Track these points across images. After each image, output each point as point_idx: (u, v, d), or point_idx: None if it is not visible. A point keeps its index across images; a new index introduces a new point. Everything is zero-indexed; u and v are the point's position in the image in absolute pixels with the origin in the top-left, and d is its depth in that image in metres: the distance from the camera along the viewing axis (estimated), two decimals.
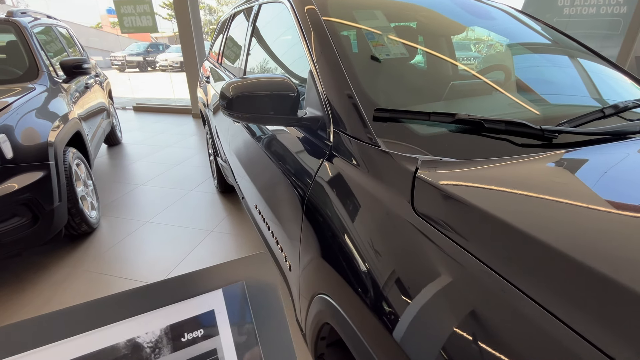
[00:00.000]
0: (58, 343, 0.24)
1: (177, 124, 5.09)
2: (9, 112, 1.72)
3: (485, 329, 0.44)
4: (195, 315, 0.28)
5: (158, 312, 0.27)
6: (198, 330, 0.27)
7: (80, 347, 0.25)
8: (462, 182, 0.60)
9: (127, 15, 5.42)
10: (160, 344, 0.26)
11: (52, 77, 2.33)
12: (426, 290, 0.52)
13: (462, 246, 0.51)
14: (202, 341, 0.27)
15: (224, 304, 0.29)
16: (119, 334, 0.25)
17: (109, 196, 2.78)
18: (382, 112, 0.81)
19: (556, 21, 4.74)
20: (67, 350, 0.24)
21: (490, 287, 0.46)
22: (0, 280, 1.83)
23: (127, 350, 0.25)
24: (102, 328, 0.25)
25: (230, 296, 0.29)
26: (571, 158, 0.68)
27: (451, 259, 0.51)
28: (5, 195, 1.58)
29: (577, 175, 0.61)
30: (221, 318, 0.28)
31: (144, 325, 0.26)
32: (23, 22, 2.46)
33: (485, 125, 0.75)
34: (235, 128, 1.73)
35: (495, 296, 0.45)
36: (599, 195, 0.54)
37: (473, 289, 0.47)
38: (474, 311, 0.46)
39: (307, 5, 1.13)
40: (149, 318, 0.26)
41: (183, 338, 0.27)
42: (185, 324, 0.27)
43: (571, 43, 1.32)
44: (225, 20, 2.55)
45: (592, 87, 1.15)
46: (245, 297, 0.29)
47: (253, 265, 0.30)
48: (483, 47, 1.50)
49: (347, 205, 0.76)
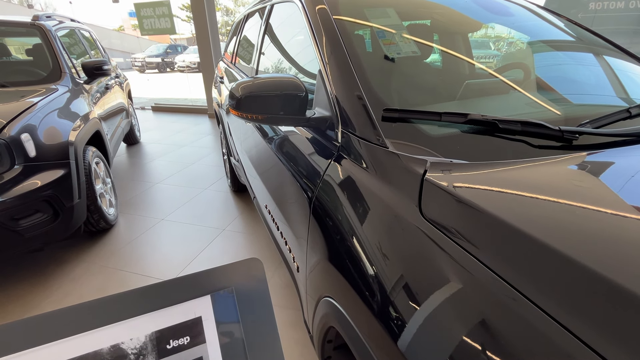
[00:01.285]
0: (40, 347, 0.24)
1: (194, 124, 5.19)
2: (33, 112, 1.79)
3: (490, 337, 0.42)
4: (181, 322, 0.27)
5: (144, 318, 0.26)
6: (184, 337, 0.27)
7: (63, 352, 0.24)
8: (473, 186, 0.57)
9: (146, 18, 5.56)
10: (144, 351, 0.25)
11: (74, 79, 2.41)
12: (432, 298, 0.50)
13: (471, 253, 0.49)
14: (189, 348, 0.27)
15: (212, 310, 0.28)
16: (103, 339, 0.25)
17: (126, 194, 2.86)
18: (390, 112, 0.79)
19: (581, 17, 4.54)
20: (50, 355, 0.24)
21: (498, 295, 0.43)
22: (24, 274, 1.91)
23: (110, 357, 0.25)
24: (85, 333, 0.25)
25: (219, 302, 0.28)
26: (593, 161, 0.64)
27: (459, 266, 0.49)
28: (28, 192, 1.64)
29: (600, 179, 0.58)
30: (208, 325, 0.27)
31: (129, 331, 0.25)
32: (48, 25, 2.56)
33: (500, 125, 0.72)
34: (246, 128, 1.74)
35: (503, 305, 0.43)
36: (624, 200, 0.51)
37: (480, 298, 0.45)
38: (479, 319, 0.44)
39: (318, 5, 1.12)
40: (135, 323, 0.26)
41: (169, 345, 0.26)
42: (171, 331, 0.27)
43: (595, 39, 1.26)
44: (240, 21, 2.57)
45: (618, 86, 1.09)
46: (234, 303, 0.28)
47: (244, 270, 0.30)
48: (503, 44, 1.45)
49: (354, 207, 0.74)
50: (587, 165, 0.63)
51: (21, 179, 1.64)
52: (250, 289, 0.29)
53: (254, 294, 0.29)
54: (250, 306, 0.29)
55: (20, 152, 1.65)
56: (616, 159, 0.64)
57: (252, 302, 0.29)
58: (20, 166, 1.65)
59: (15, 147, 1.63)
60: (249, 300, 0.29)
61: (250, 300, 0.29)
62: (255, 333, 0.28)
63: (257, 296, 0.29)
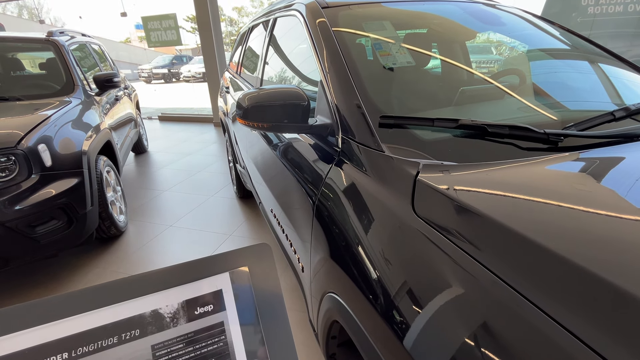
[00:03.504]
0: (97, 310, 0.30)
1: (200, 132, 5.29)
2: (49, 124, 1.88)
3: (478, 325, 0.46)
4: (206, 293, 0.33)
5: (176, 289, 0.33)
6: (208, 305, 0.33)
7: (115, 315, 0.31)
8: (461, 185, 0.62)
9: (153, 30, 5.73)
10: (177, 315, 0.32)
11: (86, 91, 2.52)
12: (427, 290, 0.55)
13: (461, 248, 0.54)
14: (212, 314, 0.33)
15: (230, 284, 0.34)
16: (145, 305, 0.32)
17: (135, 201, 2.94)
18: (387, 119, 0.85)
19: (580, 21, 4.58)
20: (105, 316, 0.30)
21: (488, 288, 0.48)
22: (39, 279, 1.98)
23: (151, 319, 0.31)
24: (131, 300, 0.32)
25: (236, 278, 0.34)
26: (575, 161, 0.69)
27: (452, 260, 0.54)
28: (44, 200, 1.72)
29: (581, 178, 0.62)
30: (228, 296, 0.34)
31: (165, 300, 0.32)
32: (61, 41, 2.68)
33: (489, 130, 0.77)
34: (252, 136, 1.80)
35: (488, 293, 0.47)
36: (602, 196, 0.55)
37: (471, 289, 0.50)
38: (471, 308, 0.48)
39: (318, 18, 1.19)
40: (169, 294, 0.32)
41: (196, 311, 0.33)
42: (198, 300, 0.33)
43: (589, 46, 1.31)
44: (244, 33, 2.67)
45: (612, 91, 1.14)
46: (249, 279, 0.35)
47: (256, 253, 0.36)
48: (503, 50, 1.50)
49: (353, 208, 0.80)
50: (568, 165, 0.67)
51: (38, 188, 1.72)
52: (261, 267, 0.35)
53: (264, 271, 0.34)
54: (261, 281, 0.35)
55: (37, 162, 1.73)
56: (599, 159, 0.68)
57: (263, 277, 0.35)
58: (37, 175, 1.73)
59: (33, 157, 1.71)
60: (260, 276, 0.34)
61: (261, 276, 0.34)
62: (266, 302, 0.34)
63: (267, 273, 0.35)
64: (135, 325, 0.31)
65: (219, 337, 0.33)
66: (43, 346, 0.28)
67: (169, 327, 0.32)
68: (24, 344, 0.27)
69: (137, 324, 0.31)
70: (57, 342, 0.29)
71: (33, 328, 0.28)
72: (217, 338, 0.33)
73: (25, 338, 0.28)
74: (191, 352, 0.31)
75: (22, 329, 0.28)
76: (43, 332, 0.28)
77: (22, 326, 0.28)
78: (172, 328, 0.32)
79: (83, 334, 0.29)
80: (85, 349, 0.29)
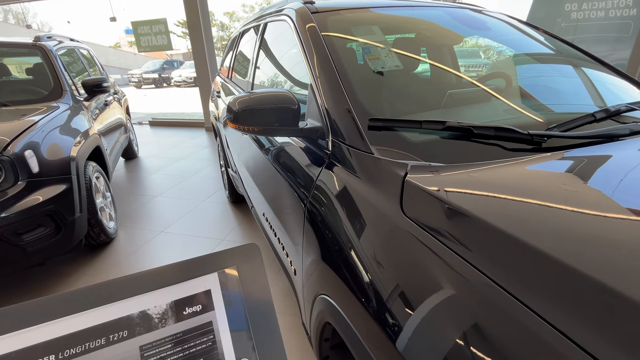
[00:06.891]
0: (85, 312, 0.30)
1: (191, 137, 5.26)
2: (36, 130, 1.85)
3: (469, 325, 0.47)
4: (194, 294, 0.33)
5: (164, 290, 0.33)
6: (197, 305, 0.33)
7: (104, 316, 0.31)
8: (448, 185, 0.64)
9: (143, 35, 5.70)
10: (166, 316, 0.32)
11: (74, 96, 2.49)
12: (415, 289, 0.56)
13: (450, 247, 0.55)
14: (200, 314, 0.33)
15: (219, 284, 0.34)
16: (133, 306, 0.32)
17: (126, 207, 2.90)
18: (376, 122, 0.86)
19: (564, 26, 4.71)
20: (95, 317, 0.30)
21: (478, 288, 0.49)
22: (25, 289, 1.93)
23: (139, 320, 0.31)
24: (120, 301, 0.31)
25: (224, 279, 0.35)
26: (558, 161, 0.71)
27: (440, 259, 0.55)
28: (32, 207, 1.68)
29: (564, 177, 0.64)
30: (216, 296, 0.34)
31: (153, 300, 0.32)
32: (49, 45, 2.65)
33: (475, 131, 0.79)
34: (243, 140, 1.81)
35: (481, 296, 0.48)
36: (586, 196, 0.57)
37: (461, 289, 0.51)
38: (458, 304, 0.49)
39: (308, 24, 1.21)
40: (157, 295, 0.32)
41: (184, 312, 0.33)
42: (186, 300, 0.33)
43: (573, 50, 1.35)
44: (235, 38, 2.67)
45: (595, 93, 1.17)
46: (237, 279, 0.35)
47: (244, 253, 0.36)
48: (491, 54, 1.54)
49: (344, 209, 0.80)
50: (553, 164, 0.69)
51: (25, 195, 1.69)
52: (250, 267, 0.35)
53: (253, 271, 0.35)
54: (250, 280, 0.35)
55: (24, 168, 1.70)
56: (579, 158, 0.71)
57: (251, 277, 0.35)
58: (24, 182, 1.70)
59: (19, 164, 1.68)
60: (248, 275, 0.35)
61: (250, 276, 0.35)
62: (254, 301, 0.34)
63: (255, 272, 0.35)
64: (123, 326, 0.31)
65: (207, 337, 0.33)
66: (30, 348, 0.28)
67: (157, 328, 0.32)
68: (11, 346, 0.27)
69: (125, 325, 0.31)
70: (45, 344, 0.29)
71: (20, 330, 0.28)
72: (206, 338, 0.33)
73: (12, 340, 0.28)
74: (180, 352, 0.32)
75: (10, 332, 0.28)
76: (31, 334, 0.28)
77: (9, 329, 0.28)
78: (160, 328, 0.32)
79: (71, 335, 0.29)
80: (73, 350, 0.29)
